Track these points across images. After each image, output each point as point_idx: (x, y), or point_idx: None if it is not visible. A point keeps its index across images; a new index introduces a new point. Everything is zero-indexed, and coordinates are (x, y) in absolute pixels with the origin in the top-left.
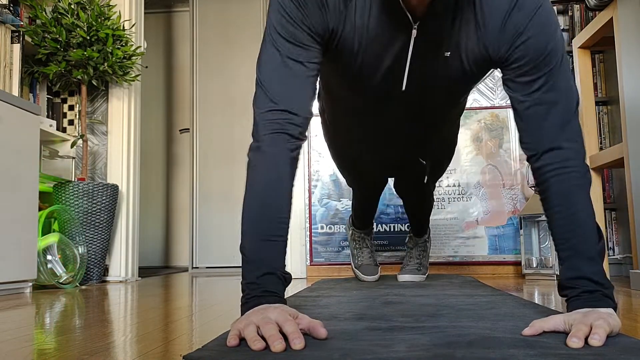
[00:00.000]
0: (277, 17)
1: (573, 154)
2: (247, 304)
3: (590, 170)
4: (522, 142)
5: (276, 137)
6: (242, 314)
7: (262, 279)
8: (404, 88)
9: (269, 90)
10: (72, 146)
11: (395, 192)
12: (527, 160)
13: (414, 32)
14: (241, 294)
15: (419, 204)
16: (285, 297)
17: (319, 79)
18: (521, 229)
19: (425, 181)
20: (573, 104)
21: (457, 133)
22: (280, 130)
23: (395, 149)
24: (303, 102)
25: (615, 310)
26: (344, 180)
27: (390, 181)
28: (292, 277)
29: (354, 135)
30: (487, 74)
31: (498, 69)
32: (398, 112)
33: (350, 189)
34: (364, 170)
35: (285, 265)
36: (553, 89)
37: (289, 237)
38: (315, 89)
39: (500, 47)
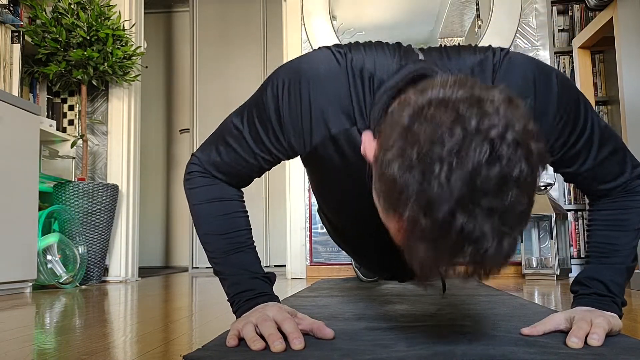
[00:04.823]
0: (259, 110)
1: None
2: (241, 308)
3: None
4: (588, 195)
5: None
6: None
7: (248, 284)
8: None
9: (221, 160)
10: (72, 146)
11: None
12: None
13: None
14: (231, 308)
15: None
16: (276, 296)
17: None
18: None
19: None
20: (619, 138)
21: None
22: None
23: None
24: (244, 183)
25: (620, 319)
26: None
27: None
28: (292, 277)
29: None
30: None
31: None
32: None
33: None
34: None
35: (263, 269)
36: (603, 143)
37: (288, 237)
38: (263, 171)
39: None
